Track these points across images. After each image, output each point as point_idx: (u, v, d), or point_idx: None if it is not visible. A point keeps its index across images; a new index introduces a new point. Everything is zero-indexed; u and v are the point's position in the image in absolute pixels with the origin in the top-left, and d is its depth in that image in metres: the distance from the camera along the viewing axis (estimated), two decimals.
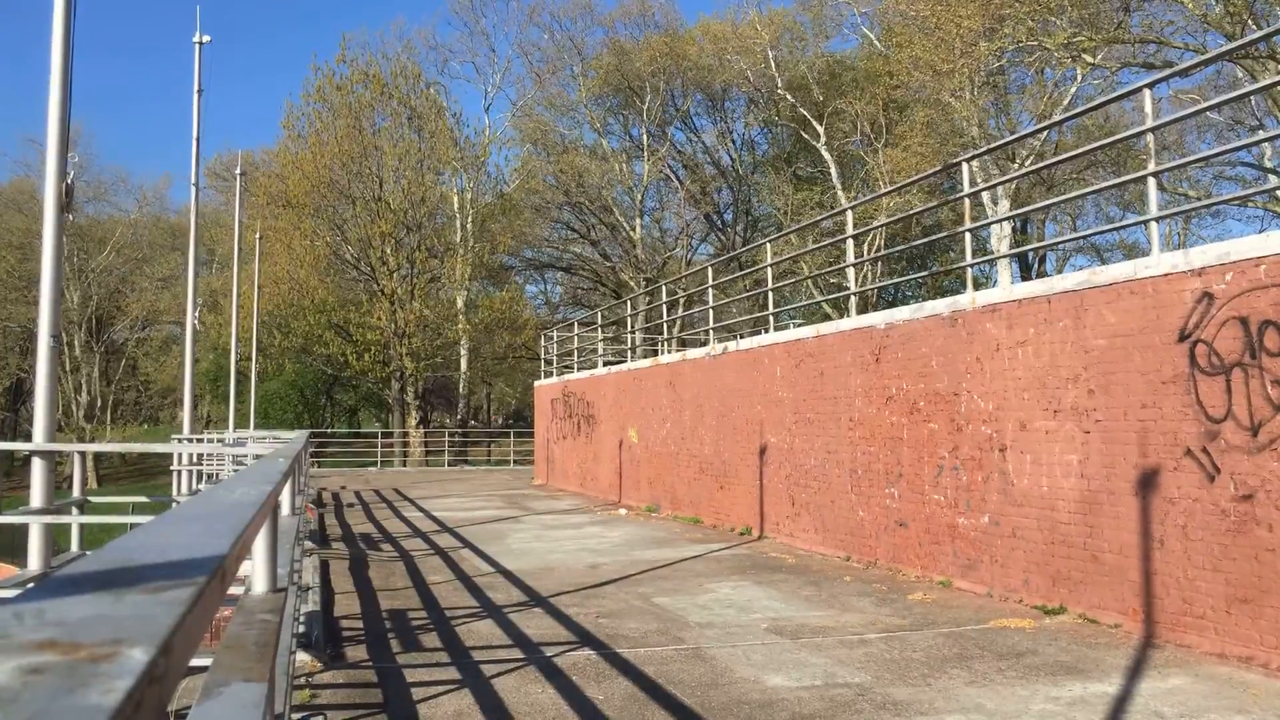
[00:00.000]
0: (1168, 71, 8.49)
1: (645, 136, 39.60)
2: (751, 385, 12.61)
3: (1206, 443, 6.21)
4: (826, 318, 28.12)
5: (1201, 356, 6.27)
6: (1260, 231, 9.34)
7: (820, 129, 33.64)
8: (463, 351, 36.91)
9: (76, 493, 8.00)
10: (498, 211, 37.26)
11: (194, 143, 18.36)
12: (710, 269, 15.94)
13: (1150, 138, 7.19)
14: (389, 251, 34.20)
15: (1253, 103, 26.95)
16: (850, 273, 13.60)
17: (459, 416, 39.82)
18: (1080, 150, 10.82)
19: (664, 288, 25.82)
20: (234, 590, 2.05)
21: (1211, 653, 6.03)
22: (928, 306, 9.26)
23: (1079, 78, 24.81)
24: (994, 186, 13.97)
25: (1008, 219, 22.41)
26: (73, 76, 7.09)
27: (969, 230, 9.61)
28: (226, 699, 1.25)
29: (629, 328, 22.64)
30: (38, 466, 6.73)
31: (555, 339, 24.66)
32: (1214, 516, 6.13)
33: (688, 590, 8.47)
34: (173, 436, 19.84)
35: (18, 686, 0.48)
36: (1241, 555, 5.93)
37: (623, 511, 15.84)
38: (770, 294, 13.55)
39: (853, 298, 12.56)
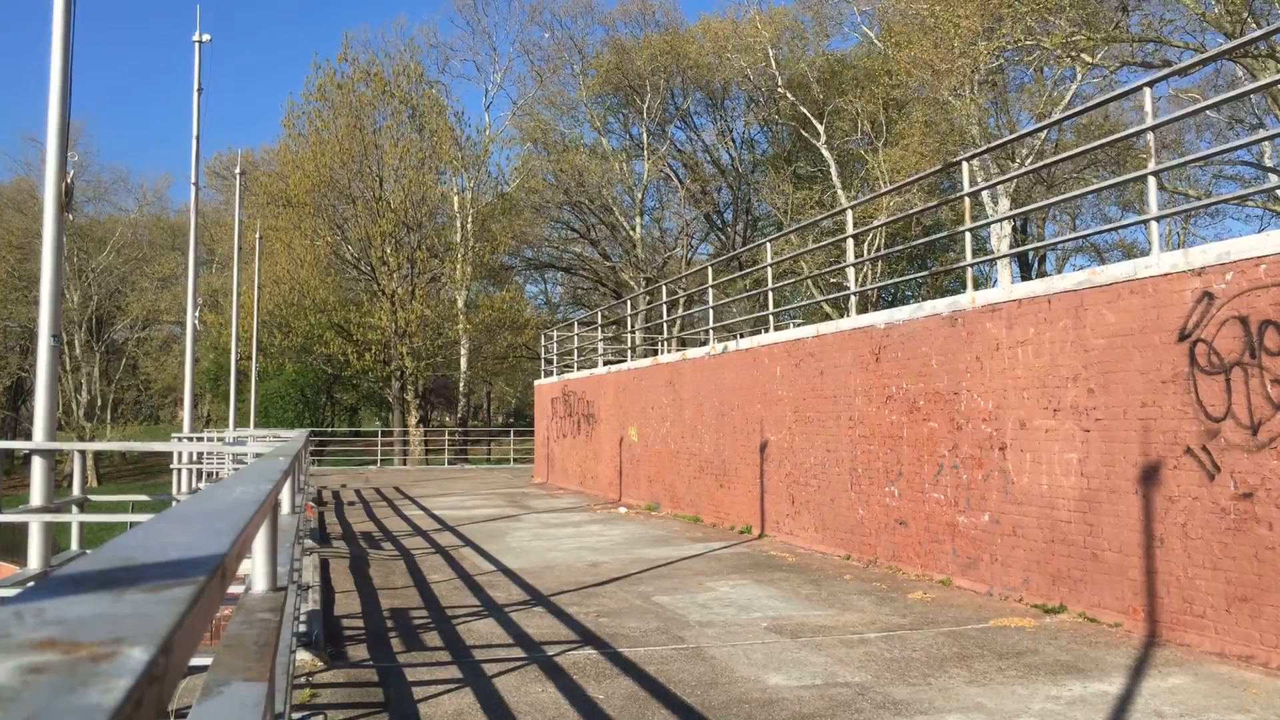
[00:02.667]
0: (1167, 70, 8.49)
1: (645, 135, 39.60)
2: (751, 384, 12.61)
3: (1206, 441, 6.21)
4: (826, 317, 28.12)
5: (1201, 356, 6.27)
6: (1260, 231, 9.35)
7: (820, 128, 33.63)
8: (463, 351, 36.91)
9: (76, 491, 8.01)
10: (498, 211, 37.26)
11: (194, 142, 18.38)
12: (710, 268, 15.93)
13: (1150, 137, 7.18)
14: (389, 251, 34.21)
15: (1252, 101, 26.96)
16: (850, 272, 13.61)
17: (459, 415, 39.82)
18: (1080, 149, 10.81)
19: (664, 287, 25.82)
20: (234, 589, 2.05)
21: (1211, 652, 6.03)
22: (928, 306, 9.25)
23: (1078, 77, 24.81)
24: (994, 186, 13.97)
25: (1007, 218, 22.40)
26: (73, 76, 7.10)
27: (969, 230, 9.61)
28: (226, 698, 1.25)
29: (629, 327, 22.64)
30: (38, 465, 6.74)
31: (555, 338, 24.66)
32: (1214, 515, 6.13)
33: (688, 589, 8.47)
34: (173, 435, 19.85)
35: (18, 685, 0.48)
36: (1241, 554, 5.93)
37: (623, 510, 15.84)
38: (770, 293, 13.55)
39: (853, 297, 12.55)
